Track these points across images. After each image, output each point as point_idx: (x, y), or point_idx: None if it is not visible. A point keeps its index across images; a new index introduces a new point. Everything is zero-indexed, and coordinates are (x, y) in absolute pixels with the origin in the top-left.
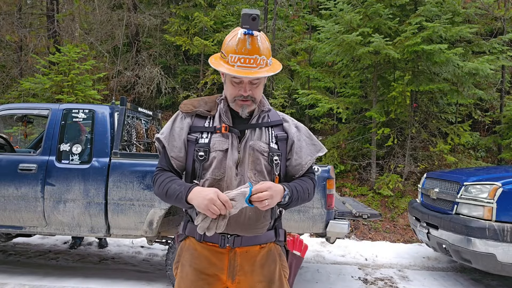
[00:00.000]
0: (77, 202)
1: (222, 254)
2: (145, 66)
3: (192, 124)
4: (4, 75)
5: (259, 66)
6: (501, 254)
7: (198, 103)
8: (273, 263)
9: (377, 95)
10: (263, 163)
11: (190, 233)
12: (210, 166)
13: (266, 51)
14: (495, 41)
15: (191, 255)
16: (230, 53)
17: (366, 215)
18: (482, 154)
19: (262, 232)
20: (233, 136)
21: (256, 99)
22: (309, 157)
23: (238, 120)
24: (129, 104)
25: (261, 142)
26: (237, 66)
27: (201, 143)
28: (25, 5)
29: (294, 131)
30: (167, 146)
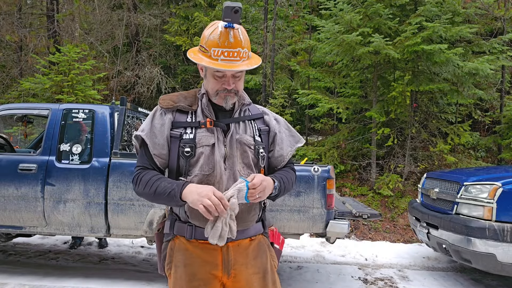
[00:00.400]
0: (77, 202)
1: (215, 251)
2: (145, 66)
3: (174, 119)
4: (4, 75)
5: (242, 59)
6: (501, 254)
7: (177, 98)
8: (264, 254)
9: (377, 95)
10: (250, 156)
11: (178, 232)
12: (198, 162)
13: (247, 44)
14: (495, 41)
15: (183, 255)
16: (212, 47)
17: (366, 215)
18: (482, 154)
19: (252, 224)
20: (218, 131)
21: (239, 91)
22: (289, 148)
23: (221, 114)
24: (129, 104)
25: (247, 135)
26: (220, 60)
27: (186, 138)
28: (25, 5)
29: (274, 123)
30: (149, 143)
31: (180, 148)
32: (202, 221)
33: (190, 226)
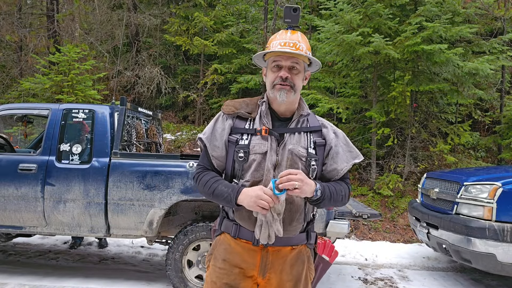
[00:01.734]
0: (77, 202)
1: (255, 252)
2: (145, 66)
3: (233, 125)
4: (4, 75)
5: (299, 50)
6: (501, 254)
7: (239, 104)
8: (302, 264)
9: (377, 95)
10: (301, 167)
11: (225, 229)
12: (250, 168)
13: (305, 42)
14: (495, 41)
15: (225, 249)
16: (271, 42)
17: (366, 215)
18: (482, 154)
19: (294, 234)
20: (272, 139)
21: (296, 86)
22: (345, 163)
23: (278, 123)
24: (129, 104)
25: (299, 146)
26: (277, 48)
27: (241, 144)
28: (25, 5)
29: (332, 137)
30: (209, 145)
31: (235, 152)
32: (247, 222)
33: (236, 225)
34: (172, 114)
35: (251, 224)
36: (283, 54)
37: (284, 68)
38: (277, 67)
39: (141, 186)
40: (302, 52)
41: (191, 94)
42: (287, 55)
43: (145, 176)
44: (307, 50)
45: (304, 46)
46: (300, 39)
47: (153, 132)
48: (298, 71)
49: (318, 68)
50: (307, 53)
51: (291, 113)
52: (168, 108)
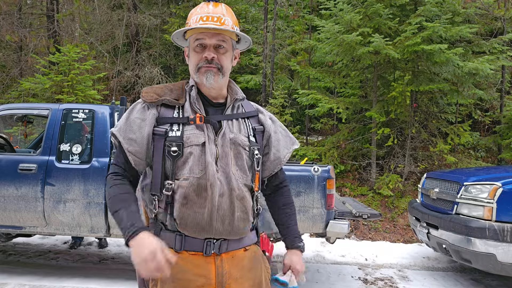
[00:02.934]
0: (77, 202)
1: (208, 263)
2: (145, 66)
3: (159, 115)
4: (4, 75)
5: (224, 25)
6: (501, 254)
7: (162, 90)
8: (259, 266)
9: (377, 95)
10: (245, 158)
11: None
12: (186, 163)
13: (231, 16)
14: (495, 41)
15: (173, 269)
16: (192, 17)
17: (366, 215)
18: (482, 154)
19: (247, 233)
20: (208, 128)
21: (224, 68)
22: (286, 150)
23: (211, 109)
24: (129, 104)
25: (241, 135)
26: (199, 24)
27: (172, 136)
28: (25, 5)
29: (270, 123)
30: (123, 140)
31: (165, 147)
32: (195, 229)
33: (180, 235)
34: None
35: (201, 231)
36: (206, 30)
37: (208, 48)
38: (201, 46)
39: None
40: (228, 27)
41: None
42: (211, 32)
43: None
44: (233, 25)
45: (230, 20)
46: (225, 12)
47: None
48: (226, 50)
49: (248, 45)
50: (234, 28)
51: (223, 97)
52: None
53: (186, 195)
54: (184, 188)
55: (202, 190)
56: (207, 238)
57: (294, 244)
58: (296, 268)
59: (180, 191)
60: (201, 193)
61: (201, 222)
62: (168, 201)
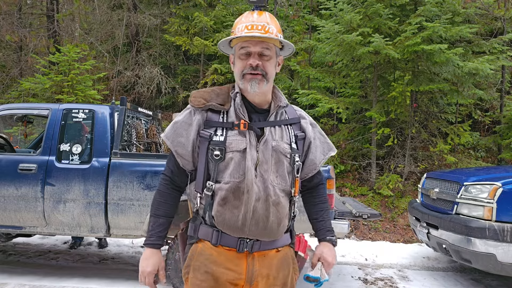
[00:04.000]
0: (77, 202)
1: (240, 259)
2: (145, 66)
3: (205, 118)
4: (4, 75)
5: (268, 33)
6: (501, 254)
7: (209, 95)
8: (287, 267)
9: (377, 95)
10: (286, 165)
11: (203, 236)
12: (227, 168)
13: (275, 24)
14: (495, 41)
15: (206, 260)
16: (237, 26)
17: (366, 215)
18: (482, 154)
19: (281, 236)
20: (251, 134)
21: (268, 74)
22: (322, 156)
23: (255, 115)
24: (129, 104)
25: (283, 143)
26: (244, 33)
27: (216, 141)
28: (25, 5)
29: (310, 129)
30: (171, 143)
31: (209, 150)
32: (231, 227)
33: (217, 231)
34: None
35: (236, 230)
36: (251, 39)
37: (253, 55)
38: (246, 54)
39: (141, 186)
40: (272, 35)
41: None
42: (256, 40)
43: (145, 176)
44: (277, 33)
45: (274, 28)
46: (269, 20)
47: (153, 132)
48: (270, 57)
49: (291, 51)
50: (278, 36)
51: (267, 103)
52: (168, 108)
53: (225, 197)
54: (224, 190)
55: (240, 194)
56: (241, 237)
57: (326, 236)
58: (328, 260)
59: (220, 192)
60: (238, 196)
61: (236, 223)
62: (208, 200)
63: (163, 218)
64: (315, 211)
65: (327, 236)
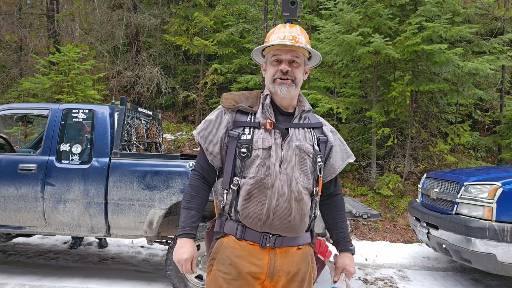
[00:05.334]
0: (77, 202)
1: (263, 254)
2: (145, 66)
3: (234, 119)
4: (4, 75)
5: (298, 43)
6: (501, 254)
7: (239, 98)
8: (307, 265)
9: (377, 95)
10: (308, 164)
11: (229, 231)
12: (253, 164)
13: (304, 36)
14: (495, 41)
15: (231, 253)
16: (270, 36)
17: (366, 215)
18: (482, 154)
19: (302, 233)
20: (276, 133)
21: (297, 79)
22: (341, 161)
23: (281, 117)
24: (129, 104)
25: (306, 143)
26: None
27: (243, 139)
28: (25, 5)
29: (331, 135)
30: (202, 140)
31: (237, 148)
32: (255, 222)
33: (242, 226)
34: (172, 114)
35: (260, 224)
36: (283, 47)
37: (284, 62)
38: (277, 61)
39: (141, 186)
40: (302, 45)
41: (191, 94)
42: (287, 49)
43: (145, 176)
44: (306, 43)
45: (304, 39)
46: (299, 32)
47: (153, 132)
48: (299, 64)
49: (318, 61)
50: (307, 46)
51: (293, 107)
52: (168, 108)
53: (250, 191)
54: (249, 185)
55: (264, 189)
56: (264, 232)
57: (346, 247)
58: (350, 270)
59: (245, 187)
60: (263, 191)
61: (260, 217)
62: (234, 195)
63: (195, 211)
64: (334, 222)
65: (348, 247)
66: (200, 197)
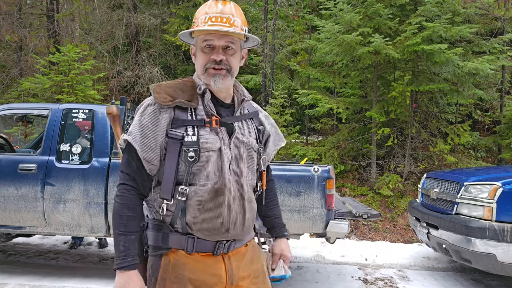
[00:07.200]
0: (77, 202)
1: (218, 262)
2: (145, 66)
3: (173, 117)
4: (4, 75)
5: (234, 26)
6: (501, 254)
7: (174, 91)
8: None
9: (377, 95)
10: (255, 160)
11: (175, 245)
12: (203, 169)
13: (240, 16)
14: (495, 41)
15: (185, 270)
16: (200, 16)
17: (366, 215)
18: (482, 154)
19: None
20: (223, 131)
21: (232, 69)
22: (273, 146)
23: (223, 110)
24: (129, 104)
25: (251, 137)
26: (207, 25)
27: (188, 141)
28: (25, 5)
29: (267, 122)
30: (139, 148)
31: (181, 152)
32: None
33: (192, 238)
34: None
35: (217, 233)
36: (216, 32)
37: (217, 49)
38: (209, 47)
39: None
40: (237, 29)
41: None
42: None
43: None
44: (242, 25)
45: (239, 20)
46: (234, 12)
47: None
48: (234, 51)
49: (256, 43)
50: (244, 30)
51: (230, 97)
52: None
53: (202, 201)
54: (201, 194)
55: (218, 195)
56: (219, 241)
57: (281, 233)
58: (287, 255)
59: (196, 196)
60: (217, 198)
61: (217, 227)
62: (180, 206)
63: (135, 234)
64: (268, 208)
65: (282, 232)
66: (139, 216)
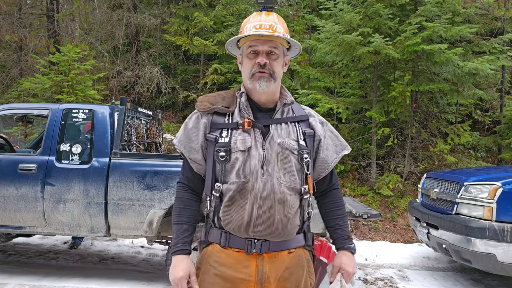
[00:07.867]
0: (77, 202)
1: (249, 261)
2: (145, 66)
3: (211, 122)
4: (4, 75)
5: (276, 33)
6: (501, 254)
7: (215, 99)
8: (301, 269)
9: (377, 95)
10: (293, 162)
11: (213, 239)
12: (233, 168)
13: (283, 24)
14: (495, 41)
15: (216, 262)
16: (245, 25)
17: (366, 215)
18: (482, 154)
19: (291, 236)
20: (256, 132)
21: (275, 73)
22: (334, 155)
23: (261, 114)
24: (129, 104)
25: (289, 139)
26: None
27: (221, 142)
28: (25, 5)
29: (320, 127)
30: (184, 149)
31: (215, 152)
32: (239, 229)
33: (225, 233)
34: (172, 114)
35: (242, 230)
36: (259, 37)
37: (261, 54)
38: (254, 53)
39: (141, 186)
40: (280, 34)
41: (191, 94)
42: (263, 39)
43: (145, 176)
44: (285, 33)
45: (282, 28)
46: (277, 20)
47: (153, 132)
48: (277, 56)
49: (298, 52)
50: (285, 36)
51: (274, 103)
52: (168, 108)
53: (231, 197)
54: (230, 190)
55: (246, 193)
56: (248, 238)
57: (344, 245)
58: (347, 270)
59: (227, 193)
60: (244, 195)
61: (241, 223)
62: (217, 202)
63: (187, 224)
64: (331, 218)
65: (346, 244)
66: (191, 209)
